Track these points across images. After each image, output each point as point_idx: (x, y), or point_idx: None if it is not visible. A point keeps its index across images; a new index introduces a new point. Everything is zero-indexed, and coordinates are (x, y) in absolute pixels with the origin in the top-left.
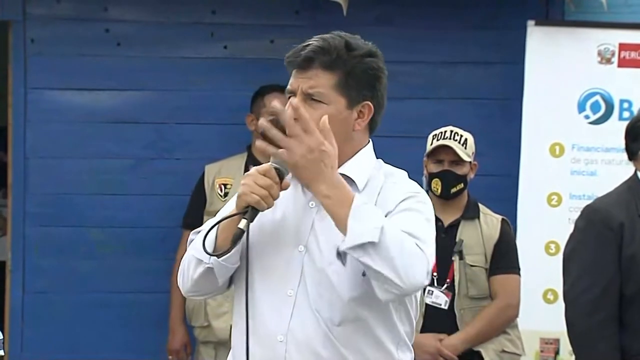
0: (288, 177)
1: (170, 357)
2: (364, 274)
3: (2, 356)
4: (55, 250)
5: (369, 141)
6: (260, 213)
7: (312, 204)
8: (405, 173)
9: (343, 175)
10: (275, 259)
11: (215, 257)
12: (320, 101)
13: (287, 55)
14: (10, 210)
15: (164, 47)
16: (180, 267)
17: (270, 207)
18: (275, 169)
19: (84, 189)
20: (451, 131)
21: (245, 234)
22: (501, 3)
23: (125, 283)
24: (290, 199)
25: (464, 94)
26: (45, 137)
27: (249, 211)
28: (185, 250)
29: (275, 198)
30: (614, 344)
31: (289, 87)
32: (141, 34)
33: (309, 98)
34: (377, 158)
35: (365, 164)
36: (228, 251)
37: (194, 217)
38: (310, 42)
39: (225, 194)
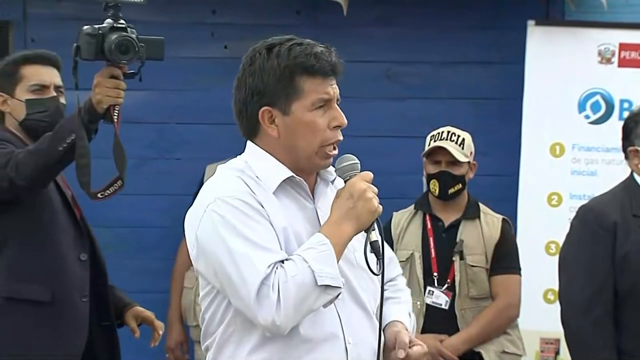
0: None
1: (167, 355)
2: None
3: None
4: None
5: None
6: (286, 226)
7: (318, 209)
8: None
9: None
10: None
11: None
12: (338, 105)
13: (306, 61)
14: None
15: (164, 47)
16: (284, 305)
17: None
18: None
19: None
20: (448, 132)
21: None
22: (501, 3)
23: (125, 283)
24: (296, 209)
25: (464, 94)
26: None
27: (376, 222)
28: (186, 251)
29: None
30: (610, 343)
31: (324, 96)
32: (141, 34)
33: (335, 104)
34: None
35: None
36: (381, 266)
37: None
38: (321, 47)
39: None
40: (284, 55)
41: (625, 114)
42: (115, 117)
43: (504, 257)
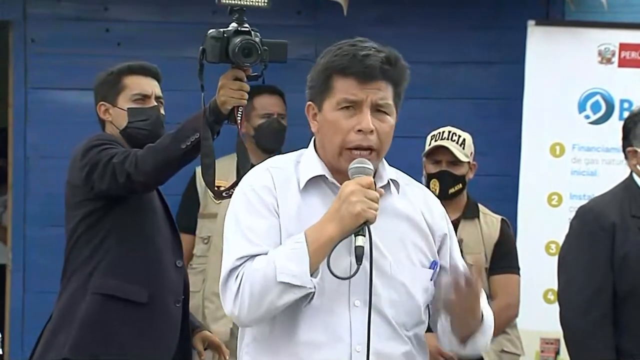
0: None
1: None
2: (431, 279)
3: (1, 355)
4: (56, 250)
5: None
6: (293, 233)
7: None
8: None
9: (393, 180)
10: (334, 270)
11: (317, 280)
12: (386, 113)
13: (340, 62)
14: (10, 211)
15: (165, 47)
16: (242, 298)
17: None
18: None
19: None
20: (449, 132)
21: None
22: (501, 3)
23: None
24: (324, 209)
25: (464, 94)
26: (45, 137)
27: (365, 227)
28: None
29: None
30: (609, 344)
31: (350, 97)
32: (141, 33)
33: (376, 109)
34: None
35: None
36: (356, 272)
37: (188, 219)
38: (369, 51)
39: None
40: (330, 54)
41: (626, 114)
42: (239, 118)
43: (503, 257)
